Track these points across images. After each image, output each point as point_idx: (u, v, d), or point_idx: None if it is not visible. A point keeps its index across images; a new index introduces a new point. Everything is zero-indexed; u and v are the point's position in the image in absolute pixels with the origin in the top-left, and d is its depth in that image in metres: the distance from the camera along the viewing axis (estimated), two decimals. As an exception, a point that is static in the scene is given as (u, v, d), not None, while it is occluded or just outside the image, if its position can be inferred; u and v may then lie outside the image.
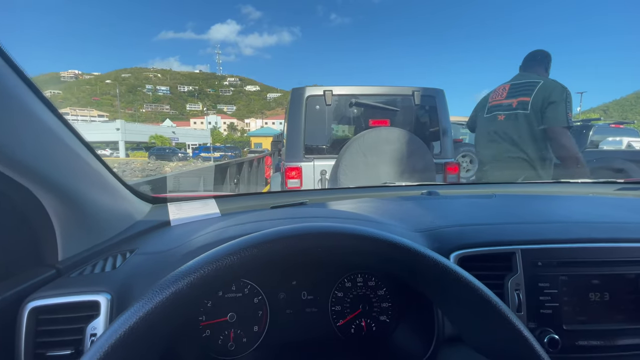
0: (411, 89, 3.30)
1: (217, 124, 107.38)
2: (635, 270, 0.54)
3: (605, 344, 0.52)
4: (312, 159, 3.00)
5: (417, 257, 0.36)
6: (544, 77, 2.09)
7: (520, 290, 0.52)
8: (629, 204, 0.87)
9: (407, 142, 2.88)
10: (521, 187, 1.18)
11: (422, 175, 2.84)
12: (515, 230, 0.58)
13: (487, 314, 0.33)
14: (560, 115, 1.95)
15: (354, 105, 3.22)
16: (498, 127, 2.23)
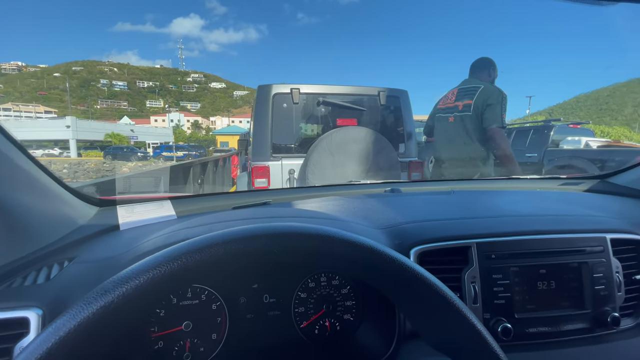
0: (377, 89, 3.37)
1: (180, 121, 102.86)
2: (577, 259, 0.58)
3: (552, 330, 0.56)
4: (279, 158, 2.96)
5: (373, 254, 0.35)
6: (486, 82, 2.30)
7: (476, 283, 0.54)
8: (570, 197, 0.95)
9: (373, 141, 2.94)
10: (476, 183, 1.24)
11: (388, 173, 2.92)
12: (470, 224, 0.60)
13: (443, 309, 0.33)
14: (496, 116, 2.15)
15: (321, 104, 3.23)
16: (449, 128, 2.44)
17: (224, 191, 1.33)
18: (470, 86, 2.32)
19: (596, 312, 0.57)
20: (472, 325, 0.32)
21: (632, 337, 0.60)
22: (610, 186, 1.13)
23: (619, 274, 0.59)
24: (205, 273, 0.35)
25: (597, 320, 0.57)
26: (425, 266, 0.57)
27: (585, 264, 0.58)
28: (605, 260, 0.58)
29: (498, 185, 1.26)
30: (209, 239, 0.32)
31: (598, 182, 1.17)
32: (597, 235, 0.60)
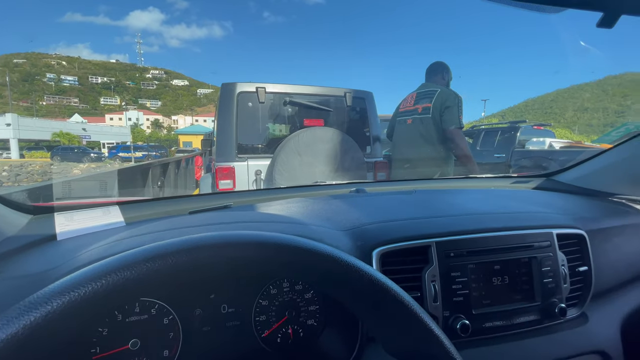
0: (343, 90, 3.40)
1: (138, 120, 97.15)
2: (527, 255, 0.61)
3: (506, 324, 0.58)
4: (245, 159, 2.89)
5: (326, 259, 0.33)
6: (441, 85, 2.43)
7: (436, 281, 0.55)
8: (520, 195, 1.01)
9: (340, 141, 2.96)
10: (436, 182, 1.28)
11: (355, 173, 2.95)
12: (430, 224, 0.61)
13: (399, 314, 0.33)
14: (454, 117, 2.28)
15: (288, 104, 3.19)
16: (408, 130, 2.55)
17: (186, 194, 1.24)
18: (428, 90, 2.43)
19: (545, 304, 0.60)
20: (430, 331, 0.32)
21: (577, 326, 0.64)
22: (556, 184, 1.22)
23: (565, 266, 0.63)
24: (148, 287, 0.32)
25: (546, 312, 0.60)
26: (387, 267, 0.57)
27: (535, 258, 0.61)
28: (552, 254, 0.62)
29: (456, 184, 1.31)
30: (137, 254, 0.28)
31: (545, 180, 1.25)
32: (544, 231, 0.63)
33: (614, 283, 0.73)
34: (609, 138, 6.11)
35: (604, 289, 0.71)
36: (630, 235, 0.81)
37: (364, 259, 0.56)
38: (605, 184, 1.08)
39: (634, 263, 0.79)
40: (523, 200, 0.86)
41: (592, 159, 1.14)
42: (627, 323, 0.69)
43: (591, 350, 0.62)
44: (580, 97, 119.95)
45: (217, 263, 0.32)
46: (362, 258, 0.56)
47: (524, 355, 0.58)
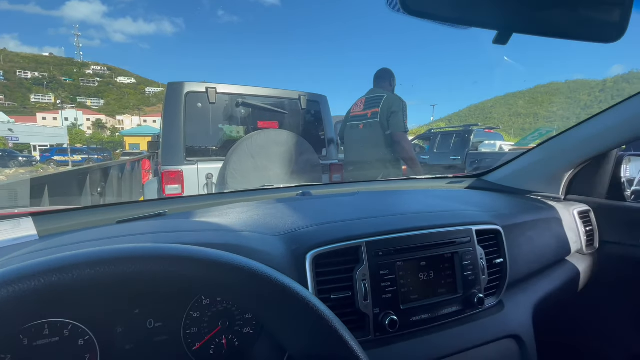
0: (297, 93, 3.40)
1: (77, 120, 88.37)
2: (450, 250, 0.66)
3: (432, 316, 0.62)
4: (195, 162, 2.76)
5: (230, 271, 0.33)
6: (388, 91, 2.57)
7: (366, 280, 0.57)
8: (452, 194, 1.09)
9: (295, 144, 2.95)
10: (381, 184, 1.34)
11: (310, 175, 2.97)
12: (362, 225, 0.63)
13: (310, 322, 0.33)
14: (399, 122, 2.42)
15: (241, 106, 3.12)
16: (359, 134, 2.64)
17: (131, 201, 1.15)
18: (376, 95, 2.55)
19: (466, 295, 0.66)
20: (342, 339, 0.32)
21: (494, 313, 0.71)
22: (485, 183, 1.33)
23: (483, 259, 0.69)
24: (50, 306, 0.29)
25: (467, 302, 0.66)
26: (321, 269, 0.58)
27: (457, 253, 0.66)
28: (472, 249, 0.68)
29: (398, 185, 1.38)
30: (19, 270, 0.26)
31: (476, 180, 1.37)
32: (465, 228, 0.69)
33: (526, 273, 0.82)
34: (525, 142, 6.85)
35: (518, 278, 0.79)
36: (542, 229, 0.92)
37: (298, 263, 0.57)
38: (524, 182, 1.21)
39: (544, 254, 0.89)
40: (452, 200, 0.93)
41: (513, 160, 1.27)
42: (538, 309, 0.78)
43: (506, 335, 0.69)
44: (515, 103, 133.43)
45: (103, 281, 0.30)
46: (296, 262, 0.57)
47: (447, 344, 0.63)
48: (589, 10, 0.40)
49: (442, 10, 0.36)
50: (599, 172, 1.11)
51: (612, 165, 1.10)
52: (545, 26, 0.40)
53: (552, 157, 1.13)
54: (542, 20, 0.40)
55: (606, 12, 0.40)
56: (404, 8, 0.34)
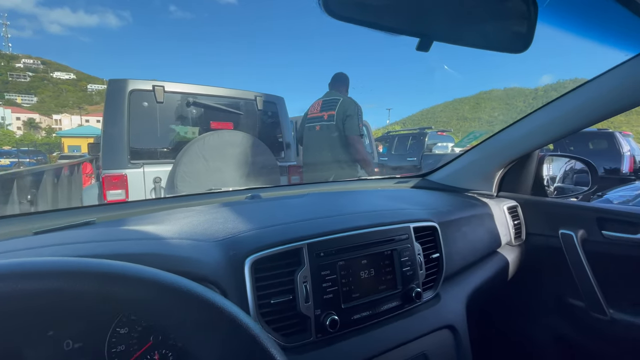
0: (253, 93, 3.34)
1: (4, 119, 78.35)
2: (390, 247, 0.69)
3: (373, 313, 0.64)
4: (141, 165, 2.58)
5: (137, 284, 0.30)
6: (343, 94, 2.63)
7: (307, 282, 0.57)
8: (397, 194, 1.14)
9: (251, 145, 2.89)
10: (332, 185, 1.36)
11: (267, 177, 2.92)
12: (304, 226, 0.63)
13: (229, 334, 0.32)
14: (354, 125, 2.49)
15: (192, 105, 2.98)
16: (316, 135, 2.68)
17: (48, 209, 1.01)
18: (332, 98, 2.60)
19: (405, 290, 0.69)
20: (261, 346, 0.31)
21: (431, 306, 0.75)
22: (428, 182, 1.41)
23: (420, 255, 0.73)
24: None
25: (406, 297, 0.69)
26: (261, 273, 0.56)
27: (396, 250, 0.69)
28: (410, 245, 0.71)
29: (349, 186, 1.41)
30: None
31: (421, 179, 1.44)
32: (403, 226, 0.72)
33: (461, 265, 0.88)
34: (462, 144, 7.48)
35: (454, 271, 0.85)
36: (475, 224, 0.99)
37: (236, 269, 0.55)
38: (461, 181, 1.31)
39: (478, 247, 0.96)
40: (395, 199, 0.97)
41: (453, 161, 1.36)
42: (471, 299, 0.84)
43: (442, 326, 0.74)
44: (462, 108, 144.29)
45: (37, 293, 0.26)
46: (234, 268, 0.55)
47: (387, 339, 0.65)
48: (497, 23, 0.44)
49: (364, 16, 0.37)
50: (524, 171, 1.23)
51: (535, 165, 1.23)
52: (461, 36, 0.43)
53: (484, 157, 1.22)
54: (457, 31, 0.43)
55: (513, 25, 0.44)
56: (327, 11, 0.34)
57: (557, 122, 1.01)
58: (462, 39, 0.43)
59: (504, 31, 0.44)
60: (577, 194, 1.38)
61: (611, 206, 1.04)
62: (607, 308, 0.99)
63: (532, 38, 0.44)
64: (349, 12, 0.36)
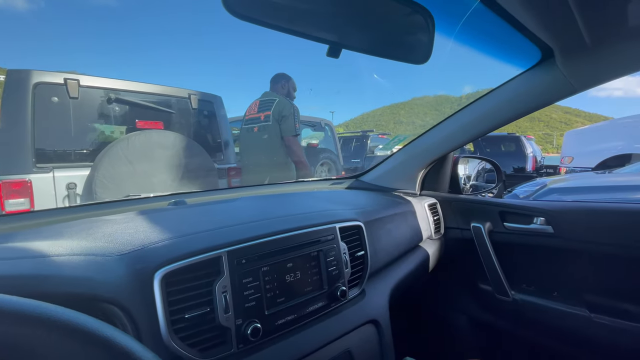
0: (187, 91, 3.14)
1: None
2: (316, 249, 0.69)
3: (298, 315, 0.64)
4: (50, 169, 2.25)
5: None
6: (281, 95, 2.61)
7: (227, 292, 0.54)
8: (330, 195, 1.16)
9: (184, 147, 2.71)
10: (269, 187, 1.33)
11: (203, 181, 2.77)
12: (225, 233, 0.60)
13: None
14: (290, 126, 2.48)
15: (114, 102, 2.69)
16: (254, 137, 2.62)
17: None
18: (268, 99, 2.57)
19: (331, 289, 0.70)
20: None
21: (357, 302, 0.77)
22: (361, 183, 1.47)
23: (346, 254, 0.75)
24: None
25: (331, 296, 0.70)
26: (174, 287, 0.52)
27: (322, 251, 0.70)
28: (336, 245, 0.73)
29: (286, 188, 1.40)
30: None
31: (354, 180, 1.50)
32: (329, 226, 0.74)
33: (386, 261, 0.94)
34: (389, 147, 8.09)
35: (379, 267, 0.90)
36: (399, 222, 1.06)
37: (143, 284, 0.50)
38: (390, 181, 1.39)
39: (401, 243, 1.03)
40: (326, 200, 0.99)
41: (382, 162, 1.44)
42: (394, 292, 0.90)
43: (366, 321, 0.77)
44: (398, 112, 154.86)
45: None
46: (141, 283, 0.50)
47: (313, 340, 0.65)
48: (399, 35, 0.47)
49: (268, 18, 0.37)
50: (442, 171, 1.35)
51: (450, 166, 1.36)
52: (366, 45, 0.46)
53: (408, 159, 1.32)
54: (363, 40, 0.45)
55: (413, 38, 0.48)
56: (227, 8, 0.33)
57: (466, 128, 1.13)
58: (368, 48, 0.46)
59: (405, 43, 0.47)
60: (487, 191, 1.56)
61: (510, 201, 1.19)
62: (509, 290, 1.14)
63: (431, 51, 0.48)
64: (252, 13, 0.35)
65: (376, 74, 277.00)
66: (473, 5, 0.65)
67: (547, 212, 1.06)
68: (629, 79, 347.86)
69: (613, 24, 0.67)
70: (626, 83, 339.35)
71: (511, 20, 0.73)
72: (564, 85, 0.88)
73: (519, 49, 0.91)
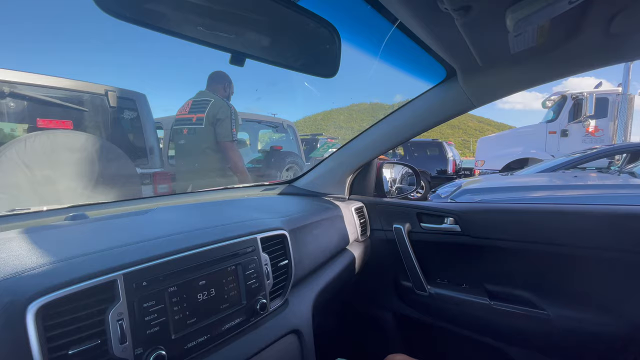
0: (104, 87, 2.81)
1: None
2: (234, 262, 0.66)
3: (213, 335, 0.60)
4: None
5: None
6: (219, 95, 2.41)
7: (123, 320, 0.48)
8: (259, 202, 1.14)
9: (98, 150, 2.39)
10: (194, 196, 1.25)
11: (123, 188, 2.48)
12: (122, 253, 0.54)
13: None
14: (226, 130, 2.32)
15: (8, 97, 2.29)
16: (185, 140, 2.44)
17: None
18: (203, 99, 2.38)
19: (250, 303, 0.68)
20: None
21: (279, 314, 0.76)
22: (293, 189, 1.47)
23: (268, 265, 0.73)
24: None
25: (251, 310, 0.68)
26: (54, 320, 0.45)
27: (240, 264, 0.67)
28: (256, 257, 0.71)
29: (214, 196, 1.33)
30: None
31: (287, 186, 1.49)
32: (249, 238, 0.71)
33: (312, 268, 0.94)
34: (318, 153, 8.43)
35: (304, 274, 0.90)
36: (327, 226, 1.08)
37: (13, 319, 0.42)
38: (321, 186, 1.41)
39: (328, 248, 1.05)
40: (252, 209, 0.96)
41: (315, 167, 1.46)
42: (317, 299, 0.91)
43: (288, 332, 0.76)
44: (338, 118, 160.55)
45: None
46: (10, 318, 0.42)
47: (230, 358, 0.62)
48: (304, 48, 0.48)
49: (150, 19, 0.33)
50: (368, 175, 1.42)
51: (375, 171, 1.44)
52: (272, 57, 0.45)
53: (337, 165, 1.36)
54: (268, 51, 0.44)
55: (320, 52, 0.49)
56: (99, 4, 0.29)
57: (387, 136, 1.21)
58: (273, 59, 0.45)
59: (312, 56, 0.48)
60: (408, 193, 1.69)
61: (425, 203, 1.31)
62: (426, 285, 1.24)
63: (338, 65, 0.50)
64: (131, 12, 0.31)
65: (312, 78, 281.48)
66: (391, 30, 0.72)
67: (455, 212, 1.19)
68: (526, 94, 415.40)
69: (498, 51, 0.77)
70: (525, 98, 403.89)
71: (421, 43, 0.81)
72: (464, 100, 0.99)
73: (430, 67, 1.02)
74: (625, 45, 0.76)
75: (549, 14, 0.50)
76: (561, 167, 4.64)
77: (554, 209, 1.07)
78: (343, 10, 0.78)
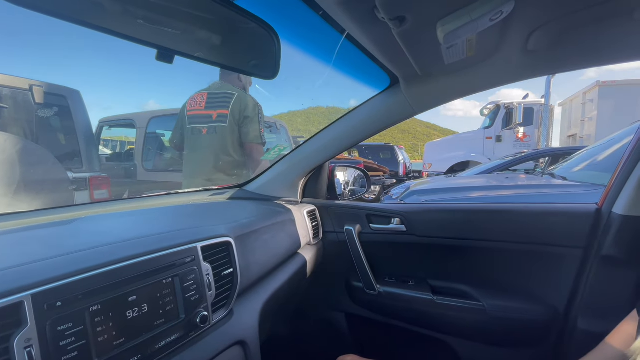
0: (28, 82, 2.51)
1: None
2: (171, 274, 0.61)
3: (144, 355, 0.54)
4: None
5: None
6: (238, 88, 2.06)
7: (32, 346, 0.42)
8: (204, 208, 1.08)
9: (21, 151, 2.11)
10: (134, 202, 1.14)
11: (51, 195, 2.21)
12: (30, 271, 0.47)
13: None
14: (256, 132, 1.99)
15: None
16: (203, 140, 2.05)
17: None
18: (224, 92, 1.99)
19: (189, 317, 0.63)
20: None
21: (222, 325, 0.72)
22: (244, 193, 1.43)
23: (210, 275, 0.69)
24: None
25: (190, 324, 0.63)
26: None
27: (177, 276, 0.62)
28: (196, 267, 0.66)
29: (157, 201, 1.23)
30: None
31: (238, 190, 1.44)
32: (189, 247, 0.66)
33: (260, 274, 0.91)
34: (270, 156, 8.48)
35: (252, 282, 0.87)
36: (278, 231, 1.06)
37: None
38: (273, 190, 1.39)
39: (278, 253, 1.03)
40: (196, 215, 0.91)
41: (267, 171, 1.43)
42: (265, 307, 0.88)
43: (232, 343, 0.73)
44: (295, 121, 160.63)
45: None
46: None
47: None
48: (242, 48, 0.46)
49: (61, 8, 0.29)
50: (320, 178, 1.43)
51: (327, 174, 1.46)
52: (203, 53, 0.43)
53: (289, 168, 1.35)
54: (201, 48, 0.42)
55: (259, 53, 0.48)
56: None
57: (337, 140, 1.23)
58: (206, 57, 0.43)
59: (251, 57, 0.47)
60: (360, 195, 1.74)
61: (374, 205, 1.35)
62: (376, 284, 1.28)
63: (279, 68, 0.49)
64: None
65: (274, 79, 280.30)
66: (341, 40, 0.75)
67: (401, 213, 1.24)
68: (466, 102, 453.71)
69: (434, 61, 0.82)
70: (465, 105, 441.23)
71: (367, 52, 0.83)
72: (406, 107, 1.05)
73: (377, 75, 1.06)
74: (542, 61, 0.86)
75: (474, 29, 0.54)
76: (496, 169, 5.14)
77: (484, 208, 1.17)
78: (291, 18, 0.79)
